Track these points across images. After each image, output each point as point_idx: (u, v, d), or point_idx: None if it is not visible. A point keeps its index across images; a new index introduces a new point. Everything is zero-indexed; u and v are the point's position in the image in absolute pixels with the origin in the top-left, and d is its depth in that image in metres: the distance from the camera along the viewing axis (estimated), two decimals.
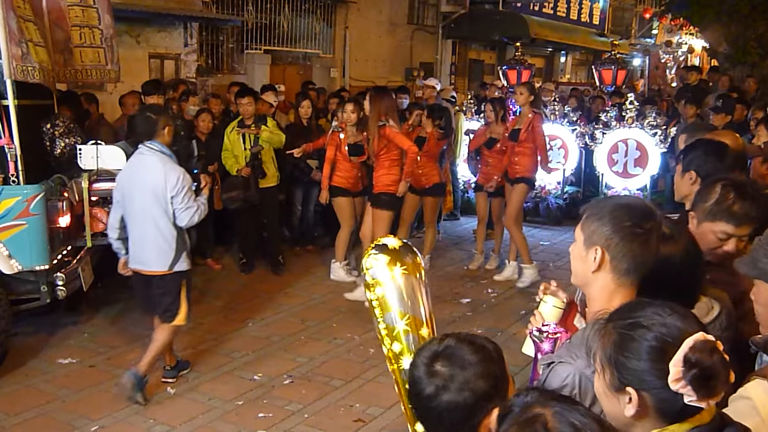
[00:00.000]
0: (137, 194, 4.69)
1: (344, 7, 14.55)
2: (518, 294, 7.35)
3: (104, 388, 5.03)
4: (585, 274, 1.99)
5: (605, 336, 1.60)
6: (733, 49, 12.72)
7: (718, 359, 1.45)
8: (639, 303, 1.64)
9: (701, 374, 1.44)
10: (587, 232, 1.97)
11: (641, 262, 1.92)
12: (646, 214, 1.94)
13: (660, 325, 1.52)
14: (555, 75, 22.83)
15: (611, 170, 9.59)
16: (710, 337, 1.49)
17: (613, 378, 1.57)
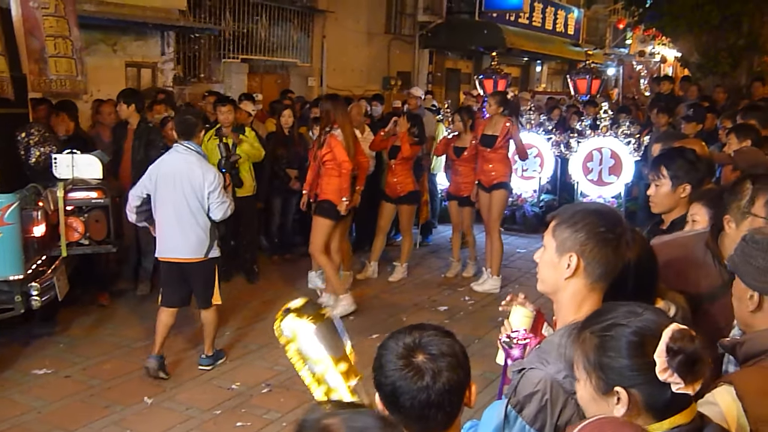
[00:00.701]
0: (178, 189, 5.18)
1: (322, 16, 14.59)
2: (495, 301, 7.40)
3: (80, 399, 4.99)
4: (556, 282, 2.00)
5: (584, 342, 1.63)
6: (704, 59, 12.91)
7: (699, 345, 1.51)
8: (610, 306, 1.69)
9: (686, 360, 1.48)
10: (560, 239, 1.99)
11: (613, 267, 1.96)
12: (616, 220, 1.99)
13: (636, 321, 1.57)
14: (531, 84, 23.04)
15: (586, 178, 9.70)
16: (684, 326, 1.54)
17: (599, 381, 1.60)
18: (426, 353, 1.70)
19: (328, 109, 6.61)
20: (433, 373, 1.67)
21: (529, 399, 1.87)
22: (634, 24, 16.81)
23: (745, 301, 1.96)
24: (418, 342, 1.72)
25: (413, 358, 1.69)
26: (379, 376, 1.73)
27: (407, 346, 1.71)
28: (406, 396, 1.66)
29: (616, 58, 26.26)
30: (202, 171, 5.21)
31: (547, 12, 20.78)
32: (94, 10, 9.26)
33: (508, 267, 8.62)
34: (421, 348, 1.71)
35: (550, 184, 10.45)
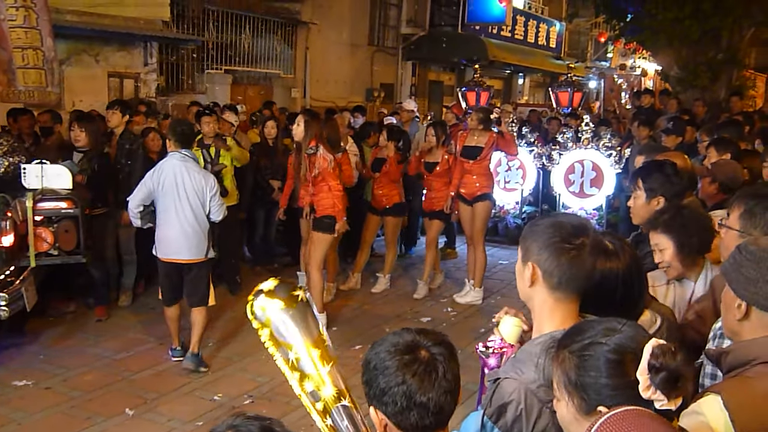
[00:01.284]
0: (181, 194, 5.47)
1: (305, 27, 14.63)
2: (478, 312, 7.43)
3: (61, 410, 4.96)
4: (525, 290, 2.05)
5: (563, 362, 1.63)
6: (684, 73, 13.08)
7: (681, 360, 1.50)
8: (587, 324, 1.69)
9: (669, 377, 1.48)
10: (523, 249, 2.04)
11: (572, 276, 1.96)
12: (576, 230, 1.98)
13: (615, 339, 1.57)
14: (513, 96, 23.17)
15: (568, 190, 9.77)
16: (664, 342, 1.53)
17: (581, 402, 1.59)
18: (425, 348, 1.71)
19: (309, 129, 6.44)
20: (444, 360, 1.69)
21: (504, 409, 1.88)
22: (615, 38, 16.99)
23: (732, 310, 1.98)
24: (416, 341, 1.73)
25: (417, 354, 1.70)
26: (378, 381, 1.71)
27: (407, 343, 1.72)
28: (421, 393, 1.66)
29: (598, 71, 26.49)
30: (202, 176, 5.59)
31: (530, 25, 20.95)
32: (76, 20, 9.24)
33: (490, 279, 8.64)
34: (422, 345, 1.72)
35: (532, 195, 10.51)
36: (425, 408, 1.67)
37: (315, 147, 6.39)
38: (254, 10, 13.42)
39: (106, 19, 9.80)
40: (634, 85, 23.24)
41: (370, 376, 1.73)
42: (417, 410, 1.67)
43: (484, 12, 17.71)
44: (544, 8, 23.14)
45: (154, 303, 7.18)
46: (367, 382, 1.74)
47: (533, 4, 22.34)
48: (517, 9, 19.63)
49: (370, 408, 1.75)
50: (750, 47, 14.49)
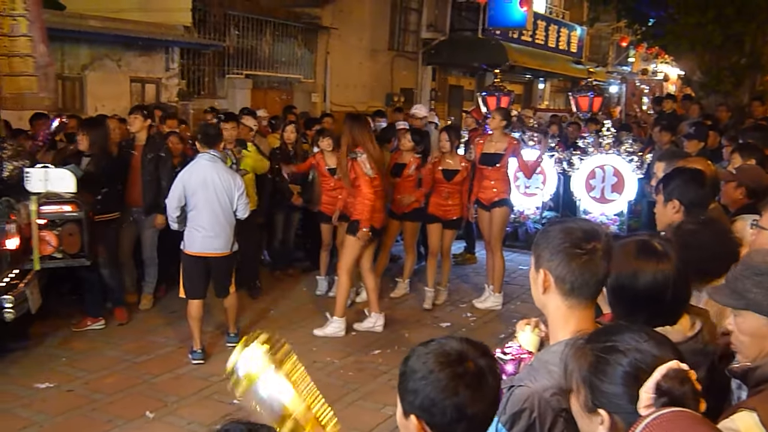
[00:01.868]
0: (211, 192, 5.85)
1: (325, 32, 14.68)
2: (497, 318, 7.40)
3: (82, 413, 4.99)
4: (539, 297, 2.05)
5: (582, 357, 1.63)
6: (707, 78, 12.96)
7: (689, 389, 1.47)
8: (617, 327, 1.67)
9: (670, 403, 1.46)
10: (535, 256, 2.04)
11: (584, 282, 1.95)
12: (588, 235, 1.97)
13: (635, 351, 1.55)
14: (534, 101, 23.11)
15: (589, 195, 9.70)
16: (684, 366, 1.50)
17: (587, 399, 1.60)
18: (472, 359, 1.66)
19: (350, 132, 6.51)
20: (490, 371, 1.66)
21: (519, 416, 1.87)
22: (636, 42, 16.88)
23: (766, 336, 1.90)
24: (462, 350, 1.67)
25: (467, 367, 1.64)
26: (430, 395, 1.63)
27: (457, 355, 1.66)
28: (472, 406, 1.62)
29: (619, 76, 26.35)
30: (230, 175, 6.00)
31: (551, 30, 20.87)
32: (99, 26, 9.34)
33: (510, 284, 8.61)
34: (467, 356, 1.67)
35: (553, 201, 10.45)
36: (474, 421, 1.63)
37: (358, 152, 6.44)
38: (275, 15, 13.49)
39: (128, 25, 9.89)
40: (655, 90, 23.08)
41: (416, 385, 1.64)
42: (466, 423, 1.63)
43: (504, 17, 17.65)
44: (565, 13, 23.05)
45: (175, 306, 7.23)
46: (411, 390, 1.65)
47: (554, 8, 22.27)
48: (537, 14, 19.56)
49: (410, 416, 1.66)
50: None
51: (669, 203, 3.30)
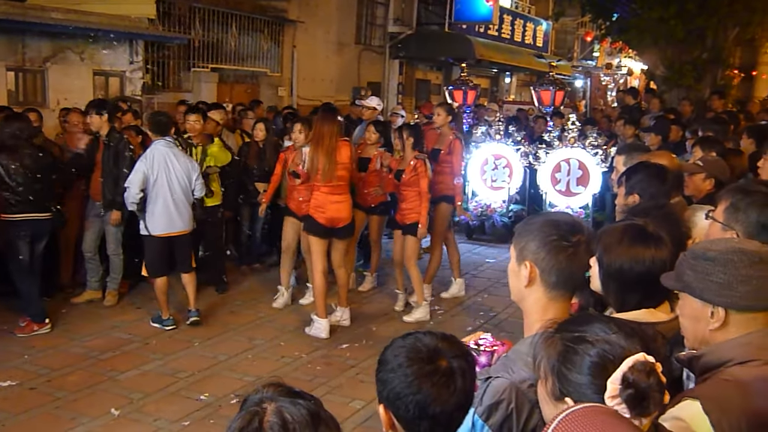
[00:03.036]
0: (172, 175, 6.29)
1: (292, 26, 14.59)
2: (464, 311, 7.45)
3: (46, 410, 4.93)
4: (519, 290, 2.06)
5: (551, 346, 1.64)
6: (669, 72, 13.15)
7: (654, 381, 1.49)
8: (587, 317, 1.69)
9: (636, 394, 1.48)
10: (518, 249, 2.05)
11: (570, 275, 1.99)
12: (573, 229, 2.01)
13: (603, 342, 1.56)
14: (500, 95, 23.23)
15: (554, 189, 9.78)
16: (650, 359, 1.52)
17: (554, 387, 1.61)
18: (447, 358, 1.67)
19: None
20: (462, 374, 1.67)
21: (495, 408, 1.88)
22: (601, 37, 17.06)
23: (704, 320, 1.94)
24: (437, 348, 1.69)
25: (438, 365, 1.66)
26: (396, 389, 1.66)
27: (430, 352, 1.67)
28: (435, 405, 1.63)
29: (584, 70, 26.60)
30: (186, 158, 6.51)
31: (516, 24, 20.98)
32: (61, 18, 9.17)
33: (477, 277, 8.69)
34: (441, 354, 1.68)
35: (519, 194, 10.52)
36: (436, 420, 1.64)
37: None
38: (241, 8, 13.37)
39: (91, 17, 9.72)
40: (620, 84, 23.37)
41: (386, 377, 1.67)
42: (428, 421, 1.64)
43: (471, 11, 17.71)
44: (530, 7, 23.18)
45: (140, 302, 7.18)
46: (381, 381, 1.69)
47: (520, 3, 22.38)
48: (503, 8, 19.65)
49: (380, 405, 1.70)
50: (734, 47, 14.58)
51: (630, 197, 3.35)
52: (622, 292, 2.31)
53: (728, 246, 1.95)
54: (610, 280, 2.32)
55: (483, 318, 7.15)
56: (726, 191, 2.55)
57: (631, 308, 2.30)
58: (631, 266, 2.26)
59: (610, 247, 2.33)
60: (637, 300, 2.28)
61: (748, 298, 1.89)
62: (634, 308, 2.30)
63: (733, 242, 1.98)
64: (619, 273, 2.28)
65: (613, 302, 2.39)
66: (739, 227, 2.42)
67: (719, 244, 1.98)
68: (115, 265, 7.07)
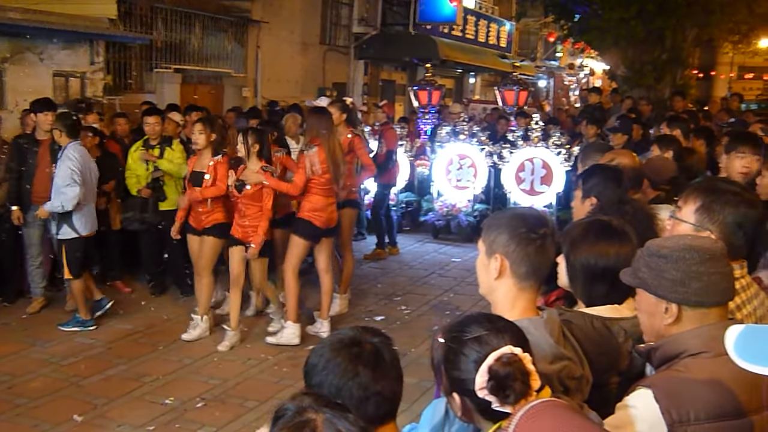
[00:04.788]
0: (93, 175, 6.44)
1: (256, 26, 14.51)
2: (431, 311, 7.48)
3: (5, 418, 4.84)
4: (489, 283, 2.12)
5: (438, 346, 1.77)
6: (630, 72, 13.36)
7: (513, 371, 1.62)
8: (468, 318, 1.78)
9: (497, 384, 1.62)
10: (488, 243, 2.11)
11: (538, 266, 2.06)
12: (539, 222, 2.08)
13: (474, 341, 1.69)
14: (465, 95, 23.35)
15: (519, 188, 9.89)
16: (515, 350, 1.65)
17: (445, 383, 1.75)
18: (367, 341, 1.74)
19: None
20: (386, 348, 1.74)
21: None
22: (563, 37, 17.25)
23: (659, 315, 2.00)
24: (355, 335, 1.75)
25: (363, 347, 1.72)
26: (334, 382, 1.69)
27: (351, 339, 1.74)
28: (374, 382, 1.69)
29: (547, 70, 26.87)
30: (92, 160, 6.59)
31: (480, 25, 21.11)
32: (19, 17, 9.00)
33: (443, 276, 8.72)
34: (361, 338, 1.74)
35: (484, 194, 10.61)
36: (381, 395, 1.70)
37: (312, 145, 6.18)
38: (204, 8, 13.25)
39: (51, 17, 9.56)
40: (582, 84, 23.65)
41: (320, 378, 1.70)
42: (374, 399, 1.68)
43: (434, 11, 17.79)
44: (494, 8, 23.34)
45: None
46: (317, 385, 1.71)
47: (484, 4, 22.52)
48: (467, 9, 19.76)
49: None
50: (693, 47, 14.85)
51: (587, 200, 3.39)
52: (589, 287, 2.39)
53: (681, 243, 1.99)
54: (577, 275, 2.41)
55: (450, 317, 7.17)
56: (693, 192, 2.56)
57: (598, 302, 2.37)
58: (596, 261, 2.34)
59: (576, 242, 2.40)
60: (603, 294, 2.35)
61: (700, 294, 1.95)
62: (601, 302, 2.36)
63: (686, 239, 2.03)
64: (585, 268, 2.37)
65: (580, 297, 2.47)
66: (714, 227, 2.44)
67: (672, 241, 2.03)
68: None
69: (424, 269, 9.02)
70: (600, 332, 2.25)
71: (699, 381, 1.90)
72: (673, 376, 1.94)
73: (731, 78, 27.20)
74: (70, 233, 6.31)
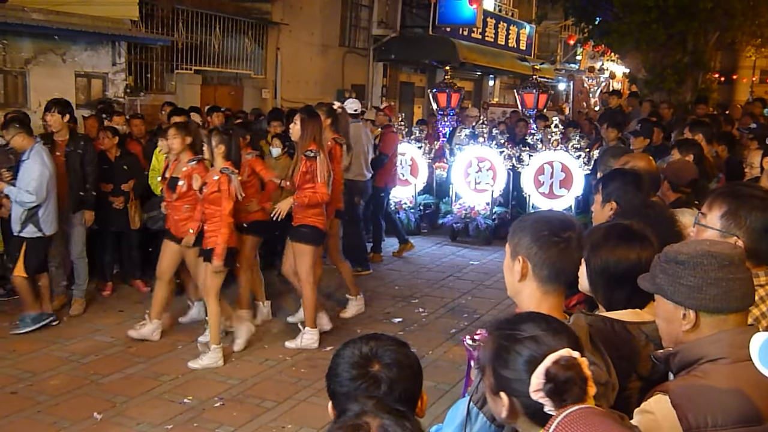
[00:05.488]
0: (53, 178, 6.32)
1: (276, 28, 14.57)
2: (448, 314, 7.46)
3: (27, 415, 4.88)
4: (514, 285, 2.13)
5: (488, 342, 1.73)
6: (651, 76, 13.28)
7: (573, 375, 1.57)
8: (522, 316, 1.76)
9: (555, 388, 1.57)
10: (512, 245, 2.13)
11: (561, 269, 2.06)
12: (564, 225, 2.09)
13: (531, 340, 1.64)
14: (484, 98, 23.31)
15: (537, 191, 9.86)
16: (574, 354, 1.60)
17: (491, 382, 1.70)
18: (381, 363, 1.74)
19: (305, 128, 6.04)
20: (389, 382, 1.72)
21: None
22: (583, 40, 17.17)
23: (676, 322, 1.98)
24: (374, 351, 1.76)
25: (369, 368, 1.73)
26: (333, 384, 1.77)
27: (363, 355, 1.76)
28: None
29: (567, 73, 26.76)
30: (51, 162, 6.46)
31: (500, 27, 21.07)
32: (42, 19, 9.10)
33: (461, 279, 8.70)
34: (377, 358, 1.75)
35: (503, 197, 10.59)
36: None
37: (315, 151, 5.99)
38: (224, 10, 13.33)
39: (73, 18, 9.66)
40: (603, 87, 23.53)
41: (330, 381, 1.79)
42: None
43: (454, 14, 17.78)
44: (514, 11, 23.29)
45: (122, 305, 7.14)
46: (327, 381, 1.79)
47: (503, 6, 22.48)
48: (487, 11, 19.73)
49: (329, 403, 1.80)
50: (715, 51, 14.74)
51: (607, 204, 3.37)
52: (609, 291, 2.38)
53: (698, 249, 1.97)
54: (597, 279, 2.40)
55: (467, 320, 7.16)
56: (718, 197, 2.54)
57: (619, 307, 2.35)
58: (617, 265, 2.34)
59: (596, 246, 2.39)
60: (625, 298, 2.33)
61: (718, 301, 1.93)
62: (622, 307, 2.34)
63: (704, 245, 2.01)
64: (606, 272, 2.36)
65: (601, 301, 2.45)
66: (741, 233, 2.41)
67: (689, 247, 2.01)
68: (81, 270, 6.96)
69: (442, 272, 9.01)
70: (621, 336, 2.23)
71: (717, 387, 1.88)
72: (690, 382, 1.93)
73: (753, 82, 26.98)
74: (35, 233, 6.24)
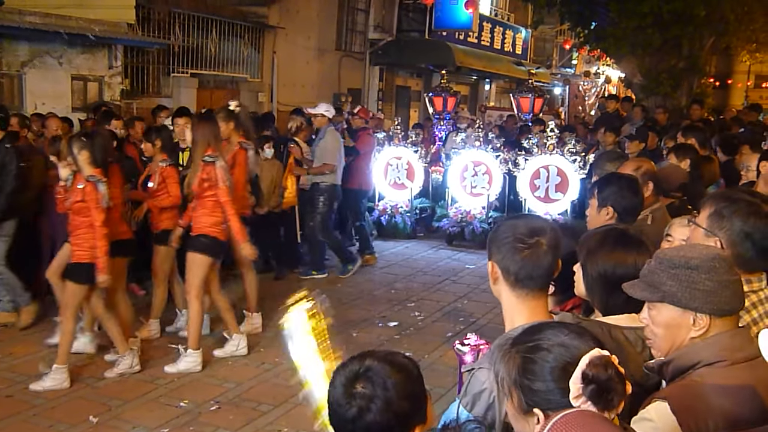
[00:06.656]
0: None
1: (272, 32, 14.60)
2: (444, 317, 7.47)
3: (23, 418, 4.88)
4: (492, 287, 2.19)
5: (510, 361, 1.66)
6: (646, 80, 13.31)
7: (613, 373, 1.53)
8: (538, 326, 1.71)
9: (598, 389, 1.51)
10: (488, 250, 2.18)
11: (528, 274, 2.08)
12: (531, 230, 2.10)
13: (558, 346, 1.59)
14: (480, 102, 23.35)
15: (533, 195, 9.88)
16: (605, 352, 1.56)
17: (520, 401, 1.62)
18: (368, 381, 1.74)
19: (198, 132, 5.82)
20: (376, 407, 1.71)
21: (479, 397, 1.95)
22: (579, 45, 17.21)
23: (684, 328, 1.96)
24: (361, 370, 1.77)
25: (354, 390, 1.74)
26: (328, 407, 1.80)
27: (354, 374, 1.77)
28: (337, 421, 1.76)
29: (563, 77, 26.81)
30: None
31: (496, 32, 21.12)
32: (38, 22, 9.12)
33: (457, 283, 8.72)
34: (364, 376, 1.75)
35: (499, 200, 10.60)
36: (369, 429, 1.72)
37: (213, 155, 5.68)
38: (221, 13, 13.36)
39: (70, 21, 9.68)
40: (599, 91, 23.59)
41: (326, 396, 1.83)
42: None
43: (450, 18, 17.83)
44: (510, 15, 23.35)
45: None
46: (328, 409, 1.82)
47: (499, 11, 22.55)
48: (483, 15, 19.79)
49: None
50: (710, 56, 14.79)
51: (603, 209, 3.37)
52: (606, 296, 2.38)
53: (706, 253, 1.98)
54: (594, 284, 2.40)
55: (463, 323, 7.17)
56: (711, 198, 2.57)
57: (616, 312, 2.35)
58: (614, 270, 2.35)
59: (592, 251, 2.40)
60: (621, 303, 2.32)
61: (730, 302, 1.94)
62: (618, 312, 2.34)
63: (711, 249, 2.02)
64: (602, 277, 2.37)
65: (597, 306, 2.46)
66: (722, 234, 2.43)
67: (697, 252, 2.00)
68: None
69: (438, 275, 9.03)
70: (617, 341, 2.23)
71: (716, 390, 1.88)
72: (689, 387, 1.92)
73: (748, 86, 27.08)
74: None
